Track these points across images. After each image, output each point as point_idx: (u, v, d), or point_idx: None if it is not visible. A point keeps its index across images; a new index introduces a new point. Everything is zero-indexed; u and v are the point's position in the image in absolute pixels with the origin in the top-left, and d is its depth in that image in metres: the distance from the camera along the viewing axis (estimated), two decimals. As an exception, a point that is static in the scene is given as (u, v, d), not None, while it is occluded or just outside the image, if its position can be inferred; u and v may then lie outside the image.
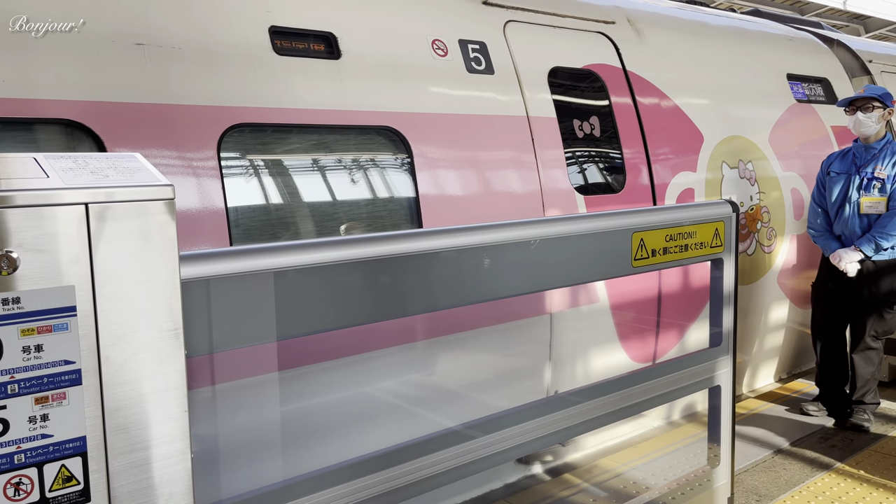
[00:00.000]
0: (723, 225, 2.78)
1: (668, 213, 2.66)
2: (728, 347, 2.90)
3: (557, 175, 3.99)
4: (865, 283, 4.28)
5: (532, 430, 2.32)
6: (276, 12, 3.11)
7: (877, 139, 4.33)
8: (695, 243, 2.67)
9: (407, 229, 3.43)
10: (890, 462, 3.90)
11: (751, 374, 5.35)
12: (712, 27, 5.64)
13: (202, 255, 1.62)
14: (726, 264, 2.82)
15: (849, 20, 21.02)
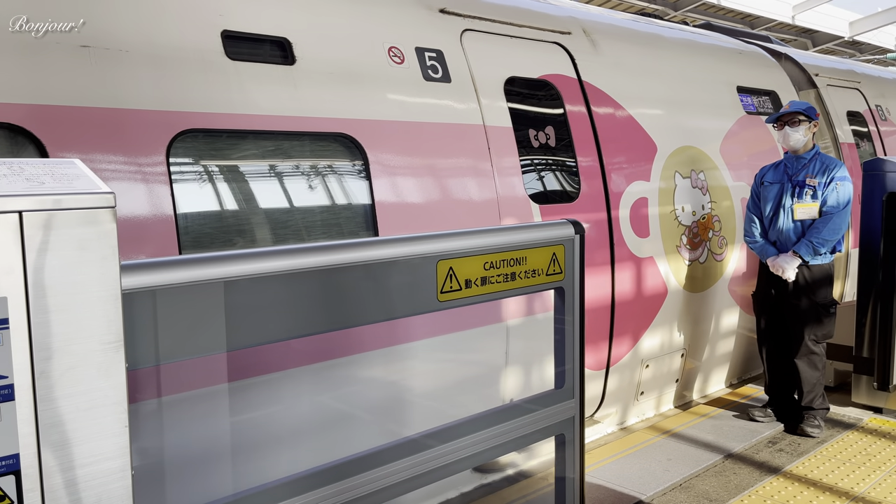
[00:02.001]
0: (562, 249, 2.41)
1: (487, 236, 2.28)
2: (573, 390, 2.52)
3: (513, 183, 4.01)
4: (802, 289, 4.41)
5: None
6: (228, 16, 3.06)
7: (806, 150, 4.51)
8: (525, 271, 2.30)
9: (362, 237, 3.40)
10: (836, 465, 4.00)
11: (702, 380, 5.45)
12: (666, 39, 5.75)
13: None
14: (568, 294, 2.46)
15: (797, 34, 21.69)
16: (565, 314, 2.47)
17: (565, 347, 2.48)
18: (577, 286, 2.47)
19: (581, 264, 2.47)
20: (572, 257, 2.45)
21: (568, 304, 2.46)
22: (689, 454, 4.16)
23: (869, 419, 4.67)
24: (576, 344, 2.49)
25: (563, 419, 2.51)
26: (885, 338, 4.66)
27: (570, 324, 2.49)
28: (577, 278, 2.47)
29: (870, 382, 4.76)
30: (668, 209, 4.88)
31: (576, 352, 2.50)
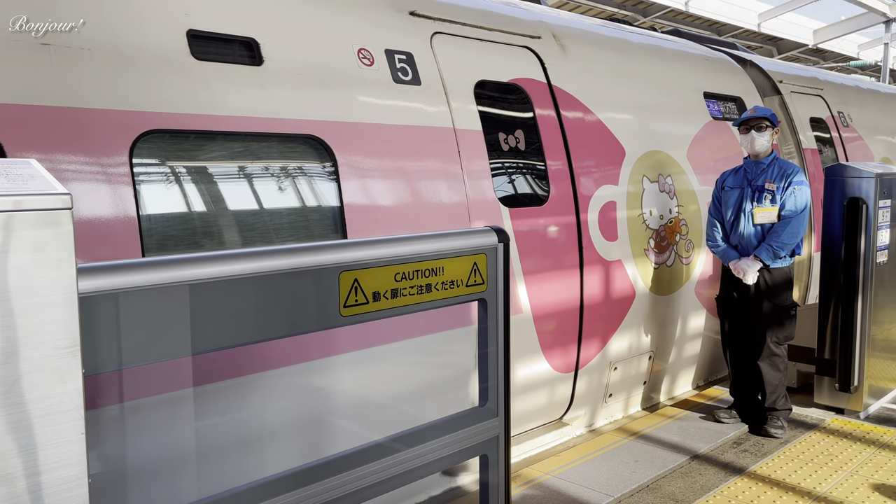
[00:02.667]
0: (484, 259, 2.26)
1: (399, 245, 2.10)
2: (498, 408, 2.37)
3: (483, 186, 4.01)
4: (763, 292, 4.48)
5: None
6: (194, 16, 3.02)
7: (766, 155, 4.59)
8: (442, 282, 2.15)
9: (331, 239, 3.38)
10: (798, 465, 4.07)
11: (669, 382, 5.51)
12: (634, 45, 5.82)
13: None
14: (491, 307, 2.31)
15: (763, 42, 22.11)
16: (488, 327, 2.31)
17: (488, 362, 2.32)
18: (500, 298, 2.32)
19: (506, 274, 2.32)
20: (496, 267, 2.30)
21: (491, 317, 2.31)
22: (656, 455, 4.20)
23: (831, 420, 4.77)
24: (500, 359, 2.34)
25: (487, 439, 2.36)
26: (846, 340, 4.75)
27: (494, 337, 2.33)
28: (502, 289, 2.32)
29: (831, 384, 4.86)
30: (636, 213, 4.93)
31: (500, 367, 2.34)
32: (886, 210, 4.82)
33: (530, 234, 4.23)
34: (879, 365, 4.96)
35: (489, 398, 2.36)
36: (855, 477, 3.91)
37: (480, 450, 2.36)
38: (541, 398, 4.48)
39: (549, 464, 4.07)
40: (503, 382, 2.37)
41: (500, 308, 2.33)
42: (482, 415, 2.35)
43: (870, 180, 4.67)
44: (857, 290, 4.69)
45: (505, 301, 2.34)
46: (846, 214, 4.72)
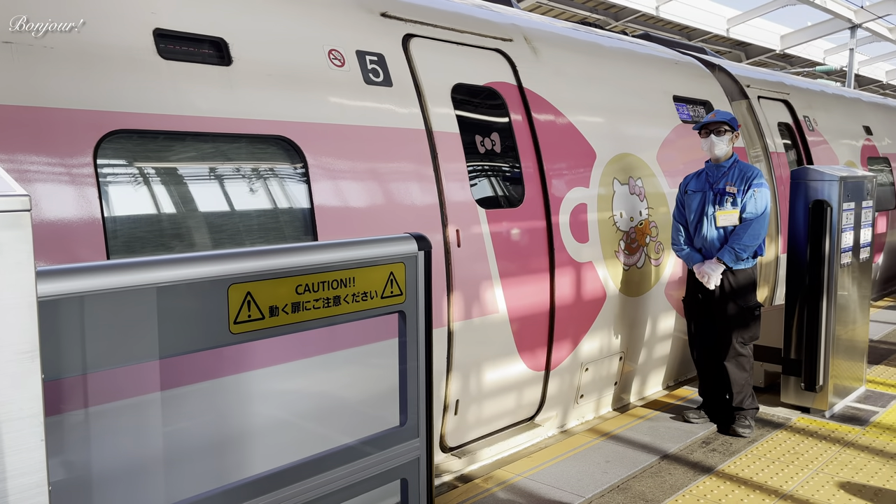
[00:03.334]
0: (402, 268, 2.11)
1: (300, 254, 1.92)
2: (419, 428, 2.20)
3: (456, 188, 4.02)
4: (728, 293, 4.55)
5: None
6: (161, 14, 2.98)
7: (726, 158, 4.66)
8: (353, 294, 1.99)
9: (301, 241, 3.35)
10: (765, 463, 4.13)
11: (640, 383, 5.56)
12: (605, 49, 5.87)
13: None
14: (411, 319, 2.15)
15: (731, 46, 22.45)
16: (408, 341, 2.14)
17: (408, 379, 2.16)
18: (421, 309, 2.14)
19: (427, 284, 2.16)
20: (415, 276, 2.12)
21: (411, 330, 2.14)
22: (626, 456, 4.24)
23: (797, 419, 4.85)
24: (421, 375, 2.17)
25: (406, 462, 2.18)
26: (811, 340, 4.83)
27: (415, 352, 2.16)
28: (422, 300, 2.14)
29: (797, 383, 4.94)
30: (606, 215, 4.97)
31: (421, 384, 2.18)
32: (850, 212, 4.92)
33: (505, 236, 4.25)
34: (844, 364, 5.06)
35: (408, 417, 2.18)
36: (820, 475, 3.98)
37: (399, 473, 2.18)
38: (520, 398, 4.51)
39: (520, 465, 4.08)
40: (425, 400, 2.19)
41: (420, 321, 2.16)
42: (401, 435, 2.16)
43: (834, 183, 4.76)
44: (822, 291, 4.78)
45: (426, 313, 2.17)
46: (811, 217, 4.81)
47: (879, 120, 10.05)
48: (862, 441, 4.45)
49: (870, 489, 3.79)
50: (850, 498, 3.69)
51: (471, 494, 3.74)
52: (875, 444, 4.41)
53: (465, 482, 3.98)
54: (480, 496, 3.72)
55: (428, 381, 2.21)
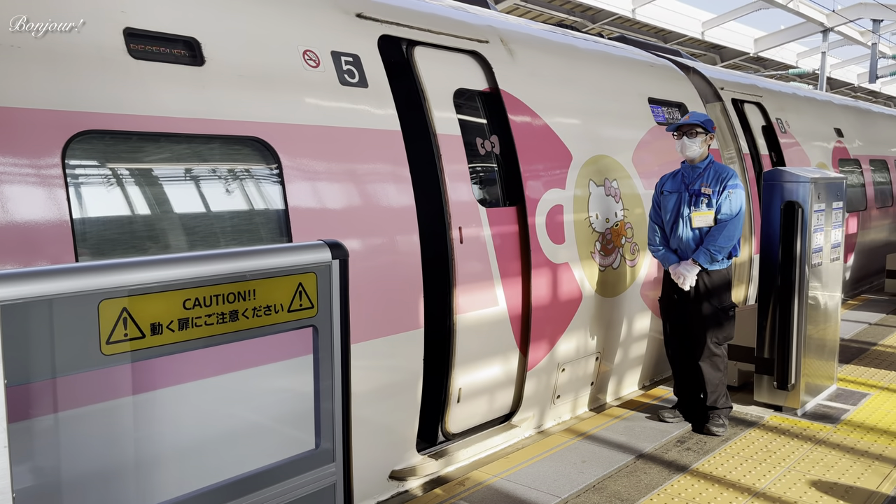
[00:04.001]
0: (313, 278, 1.92)
1: (187, 265, 1.71)
2: (335, 452, 2.04)
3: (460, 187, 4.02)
4: (703, 294, 4.59)
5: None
6: (132, 13, 2.94)
7: (701, 160, 4.70)
8: (254, 308, 1.81)
9: (276, 242, 3.33)
10: (739, 462, 4.18)
11: (616, 383, 5.59)
12: (581, 51, 5.90)
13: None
14: (324, 334, 1.97)
15: (706, 49, 22.70)
16: (321, 358, 1.96)
17: (321, 399, 1.98)
18: (336, 323, 1.96)
19: (343, 295, 1.97)
20: (329, 288, 1.93)
21: (324, 346, 1.95)
22: (602, 455, 4.26)
23: (770, 417, 4.91)
24: (336, 394, 1.99)
25: (321, 488, 2.00)
26: (783, 339, 4.90)
27: (329, 369, 1.98)
28: (338, 313, 1.95)
29: (770, 382, 5.00)
30: (582, 216, 4.99)
31: (337, 404, 2.00)
32: (821, 214, 4.99)
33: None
34: (816, 363, 5.13)
35: (322, 440, 2.00)
36: (792, 473, 4.03)
37: (313, 501, 2.01)
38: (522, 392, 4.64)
39: (497, 466, 4.08)
40: (341, 421, 2.01)
41: (335, 335, 1.98)
42: (315, 460, 1.99)
43: (805, 185, 4.82)
44: (794, 291, 4.84)
45: (343, 327, 1.98)
46: (783, 218, 4.87)
47: (850, 122, 10.22)
48: (833, 439, 4.52)
49: (840, 487, 3.84)
50: (821, 496, 3.74)
51: (447, 496, 3.73)
52: (846, 441, 4.47)
53: (441, 484, 3.98)
54: (456, 498, 3.72)
55: (345, 400, 2.02)
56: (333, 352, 2.00)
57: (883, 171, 10.59)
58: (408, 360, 3.86)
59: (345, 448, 2.05)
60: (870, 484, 3.87)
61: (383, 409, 3.79)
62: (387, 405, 3.81)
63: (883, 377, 5.81)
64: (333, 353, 2.00)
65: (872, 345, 6.87)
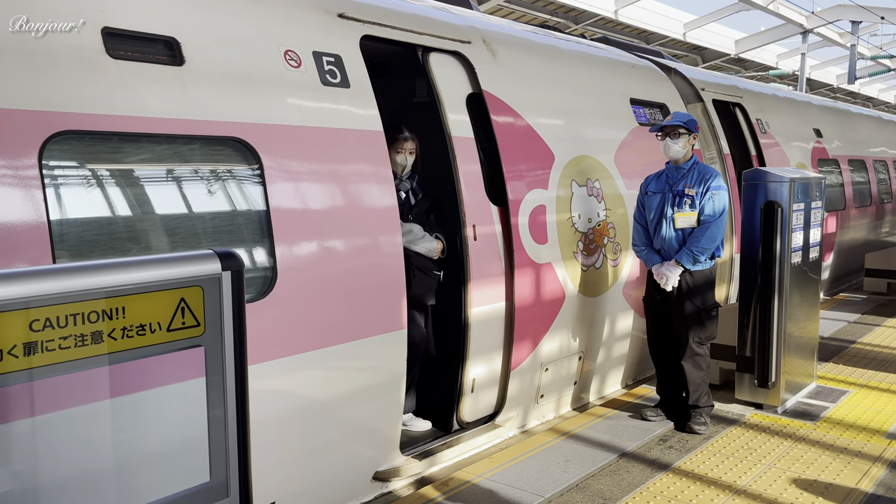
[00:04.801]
0: (199, 293, 1.69)
1: (34, 280, 1.49)
2: (229, 486, 1.83)
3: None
4: (685, 294, 4.62)
5: None
6: (110, 13, 2.91)
7: (685, 160, 4.72)
8: (122, 328, 1.58)
9: (257, 244, 3.31)
10: (719, 460, 4.21)
11: (599, 382, 5.62)
12: (563, 51, 5.92)
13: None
14: (213, 354, 1.74)
15: (688, 51, 22.88)
16: (212, 382, 1.75)
17: (212, 426, 1.76)
18: (229, 342, 1.74)
19: (237, 310, 1.75)
20: (219, 302, 1.71)
21: (214, 369, 1.73)
22: (585, 455, 4.28)
23: (751, 415, 4.95)
24: (230, 420, 1.76)
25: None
26: (764, 338, 4.94)
27: (221, 395, 1.75)
28: (231, 331, 1.73)
29: (751, 380, 5.04)
30: (565, 216, 5.01)
31: (231, 432, 1.77)
32: (800, 213, 5.04)
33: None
34: (796, 361, 5.18)
35: (214, 472, 1.77)
36: (773, 470, 4.07)
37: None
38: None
39: (481, 466, 4.09)
40: (237, 451, 1.80)
41: (228, 356, 1.74)
42: (208, 494, 1.77)
43: (784, 185, 4.87)
44: (774, 290, 4.89)
45: (238, 346, 1.75)
46: (763, 217, 4.91)
47: (829, 123, 10.34)
48: (813, 436, 4.56)
49: (820, 484, 3.89)
50: (801, 493, 3.78)
51: (431, 497, 3.73)
52: (826, 438, 4.53)
53: (425, 485, 3.98)
54: (440, 498, 3.72)
55: (241, 428, 1.79)
56: (226, 374, 1.75)
57: (861, 171, 10.73)
58: (390, 360, 3.85)
59: (242, 481, 1.81)
60: (849, 481, 3.91)
61: (366, 410, 3.78)
62: (369, 406, 3.80)
63: (861, 375, 5.88)
64: (226, 375, 1.75)
65: (851, 343, 6.95)
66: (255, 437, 3.19)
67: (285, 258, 3.29)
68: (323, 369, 3.51)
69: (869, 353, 6.56)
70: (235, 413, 1.79)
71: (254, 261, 3.31)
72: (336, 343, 3.53)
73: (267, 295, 3.22)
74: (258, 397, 3.25)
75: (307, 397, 3.47)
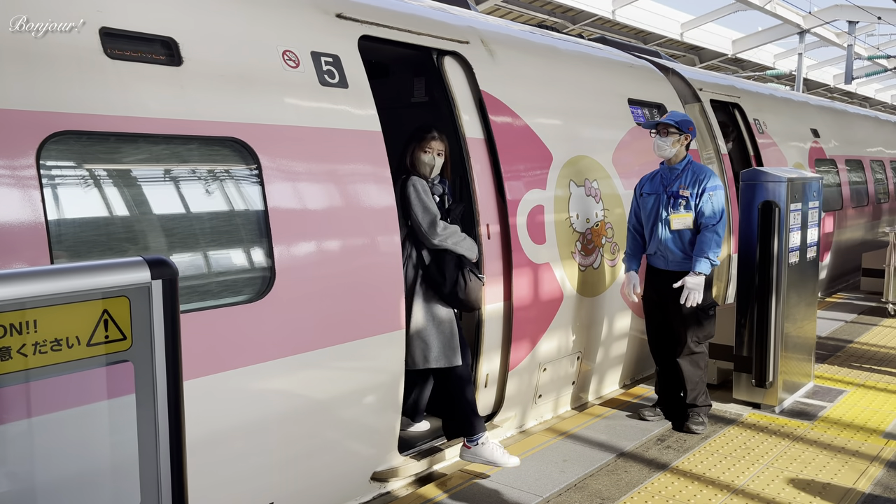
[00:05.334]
0: (125, 304, 1.55)
1: None
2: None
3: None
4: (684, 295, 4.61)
5: None
6: (108, 13, 2.91)
7: (678, 161, 4.70)
8: (35, 343, 1.45)
9: (255, 244, 3.31)
10: (718, 459, 4.22)
11: (597, 382, 5.63)
12: (561, 51, 5.93)
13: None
14: (143, 371, 1.61)
15: (685, 51, 22.91)
16: (141, 400, 1.61)
17: (142, 448, 1.63)
18: (161, 357, 1.61)
19: (170, 322, 1.61)
20: (148, 314, 1.58)
21: (143, 386, 1.60)
22: (584, 454, 4.28)
23: (748, 414, 4.96)
24: (162, 441, 1.63)
25: None
26: (761, 338, 4.95)
27: (152, 414, 1.61)
28: (162, 344, 1.60)
29: (749, 380, 5.05)
30: (563, 216, 5.01)
31: (163, 453, 1.63)
32: (797, 213, 5.05)
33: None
34: (793, 361, 5.19)
35: (145, 496, 1.65)
36: (770, 469, 4.07)
37: None
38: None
39: (479, 465, 4.08)
40: (170, 473, 1.67)
41: (158, 372, 1.61)
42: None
43: (781, 185, 4.88)
44: (771, 290, 4.90)
45: (171, 361, 1.62)
46: (760, 217, 4.92)
47: (826, 123, 10.35)
48: (810, 435, 4.57)
49: (817, 483, 3.90)
50: (798, 493, 3.79)
51: (429, 497, 3.73)
52: (823, 438, 4.54)
53: (424, 484, 3.98)
54: (439, 498, 3.72)
55: (175, 447, 1.66)
56: (157, 391, 1.61)
57: (858, 171, 10.75)
58: (389, 361, 3.85)
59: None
60: (846, 481, 3.92)
61: (364, 410, 3.78)
62: (368, 407, 3.80)
63: (859, 374, 5.90)
64: (157, 392, 1.61)
65: (849, 342, 6.97)
66: (254, 437, 3.23)
67: (283, 258, 3.29)
68: (321, 369, 3.51)
69: (866, 353, 6.58)
70: (168, 432, 1.64)
71: (252, 261, 3.31)
72: (335, 343, 3.53)
73: (265, 295, 3.22)
74: (258, 397, 3.25)
75: (306, 397, 3.47)
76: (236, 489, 3.24)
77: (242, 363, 3.13)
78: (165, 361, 1.62)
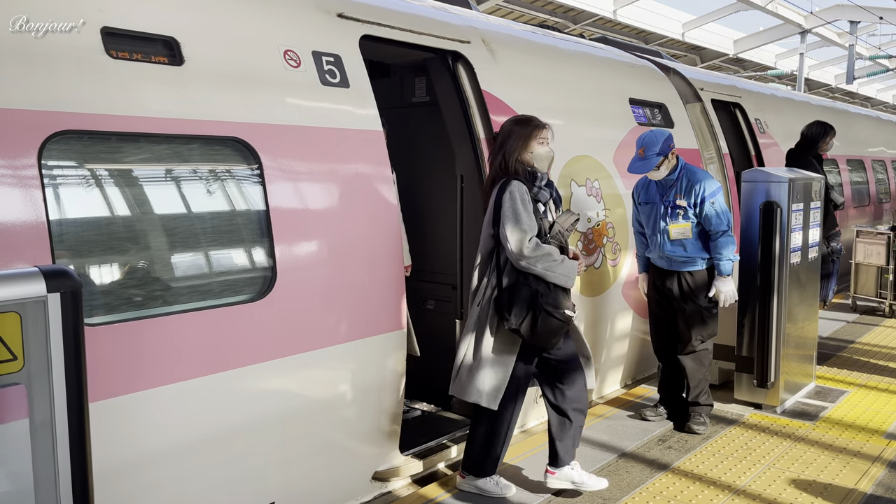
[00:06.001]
0: (15, 320, 1.36)
1: None
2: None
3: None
4: (686, 293, 4.61)
5: None
6: (109, 12, 2.91)
7: (671, 172, 4.56)
8: None
9: (257, 244, 3.31)
10: (718, 460, 4.21)
11: (599, 382, 5.62)
12: (563, 51, 5.92)
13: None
14: (39, 394, 1.42)
15: (686, 51, 22.89)
16: (36, 427, 1.41)
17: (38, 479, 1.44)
18: (59, 379, 1.40)
19: (74, 339, 1.40)
20: (45, 331, 1.39)
21: (40, 410, 1.41)
22: (585, 454, 4.27)
23: (750, 415, 4.95)
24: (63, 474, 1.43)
25: None
26: (763, 338, 4.94)
27: (49, 442, 1.42)
28: (61, 365, 1.40)
29: (750, 380, 5.04)
30: (564, 216, 5.00)
31: (63, 485, 1.44)
32: (799, 213, 5.04)
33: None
34: (794, 361, 5.18)
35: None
36: (772, 470, 4.07)
37: None
38: None
39: (480, 466, 4.08)
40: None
41: (57, 395, 1.41)
42: None
43: (783, 185, 4.87)
44: (773, 290, 4.89)
45: (74, 384, 1.42)
46: (762, 218, 4.91)
47: (828, 123, 10.33)
48: (812, 436, 4.57)
49: (819, 484, 3.89)
50: (800, 493, 3.78)
51: (430, 496, 3.73)
52: (825, 438, 4.53)
53: (425, 484, 3.97)
54: (440, 497, 3.72)
55: (80, 478, 1.44)
56: (55, 416, 1.41)
57: (860, 171, 10.73)
58: (390, 360, 3.85)
59: None
60: (848, 481, 3.92)
61: (365, 410, 3.78)
62: (369, 407, 3.80)
63: (860, 375, 5.89)
64: (55, 417, 1.41)
65: (850, 342, 6.96)
66: (254, 437, 3.23)
67: (285, 258, 3.29)
68: (322, 369, 3.51)
69: (868, 353, 6.57)
70: (70, 462, 1.43)
71: (253, 261, 3.31)
72: (336, 343, 3.53)
73: (266, 295, 3.22)
74: (258, 398, 3.25)
75: (306, 397, 3.47)
76: (236, 489, 3.24)
77: (243, 362, 3.13)
78: (66, 383, 1.42)
